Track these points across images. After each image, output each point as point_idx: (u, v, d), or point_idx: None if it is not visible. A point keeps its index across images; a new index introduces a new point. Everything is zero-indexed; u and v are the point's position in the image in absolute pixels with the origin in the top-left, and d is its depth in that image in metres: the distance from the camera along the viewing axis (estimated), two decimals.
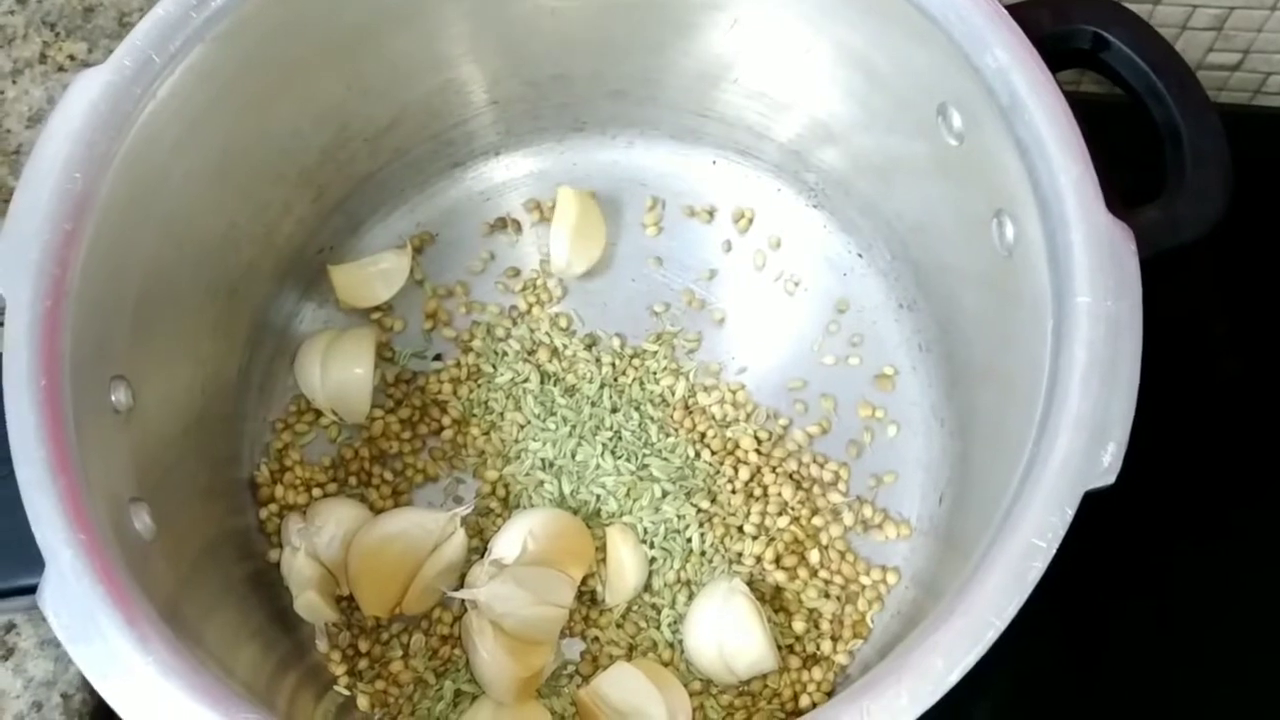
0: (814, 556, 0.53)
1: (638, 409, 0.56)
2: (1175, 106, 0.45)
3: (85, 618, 0.37)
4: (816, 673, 0.51)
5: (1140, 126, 0.47)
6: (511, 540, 0.51)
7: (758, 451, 0.55)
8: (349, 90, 0.53)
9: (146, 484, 0.44)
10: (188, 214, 0.48)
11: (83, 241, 0.42)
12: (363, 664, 0.52)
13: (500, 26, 0.54)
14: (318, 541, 0.52)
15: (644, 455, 0.55)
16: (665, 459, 0.55)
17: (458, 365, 0.57)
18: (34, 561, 0.38)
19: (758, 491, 0.54)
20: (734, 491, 0.54)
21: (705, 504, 0.54)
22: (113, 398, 0.43)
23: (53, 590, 0.37)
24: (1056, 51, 0.44)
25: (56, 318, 0.40)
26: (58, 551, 0.37)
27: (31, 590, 0.38)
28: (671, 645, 0.52)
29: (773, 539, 0.53)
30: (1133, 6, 0.66)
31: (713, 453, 0.55)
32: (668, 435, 0.55)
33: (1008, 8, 0.44)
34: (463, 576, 0.52)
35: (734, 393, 0.57)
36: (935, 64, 0.45)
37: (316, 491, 0.55)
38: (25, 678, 0.52)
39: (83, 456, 0.39)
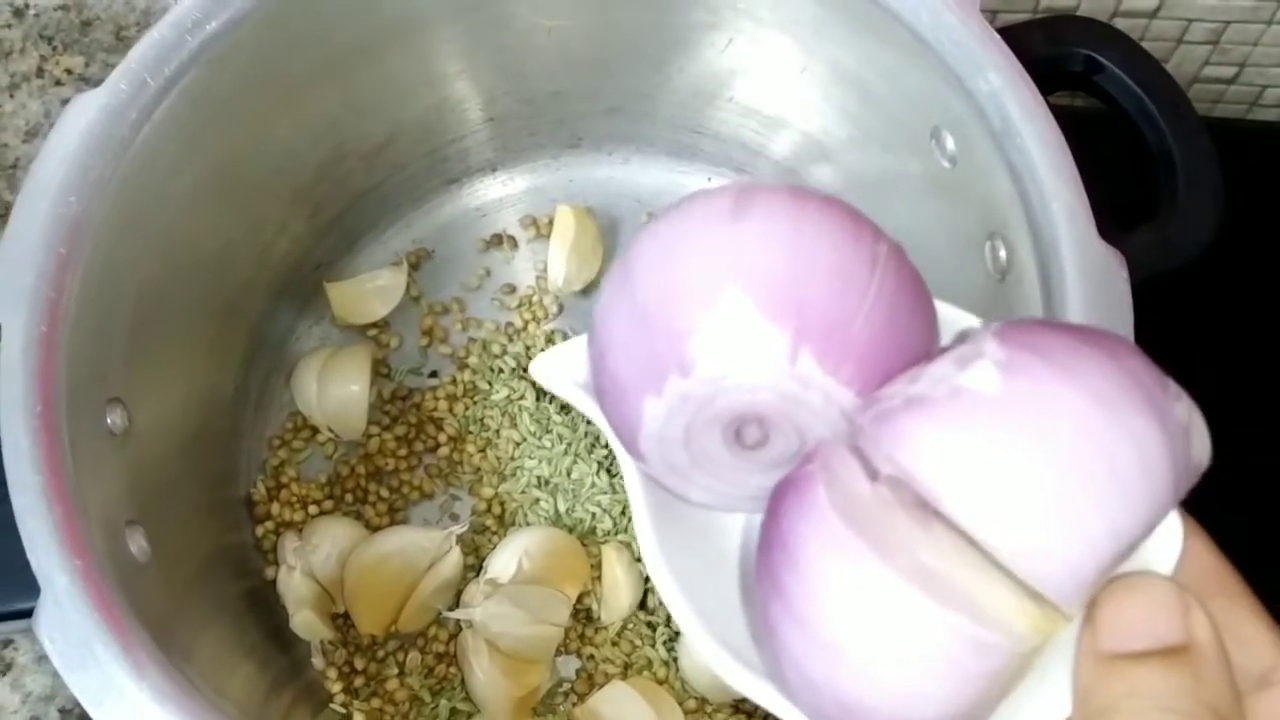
0: None
1: None
2: (1168, 129, 0.45)
3: (81, 644, 0.37)
4: None
5: (1134, 139, 0.47)
6: (507, 559, 0.51)
7: None
8: (345, 108, 0.53)
9: (142, 505, 0.44)
10: (184, 235, 0.48)
11: (78, 265, 0.42)
12: (359, 682, 0.52)
13: (496, 44, 0.54)
14: (314, 560, 0.52)
15: None
16: None
17: (454, 382, 0.58)
18: (30, 585, 0.38)
19: None
20: None
21: None
22: (108, 420, 0.43)
23: (48, 617, 0.37)
24: (1049, 74, 0.45)
25: (52, 342, 0.40)
26: (53, 578, 0.37)
27: (27, 614, 0.38)
28: (667, 663, 0.52)
29: None
30: (1128, 20, 0.66)
31: None
32: None
33: (1000, 30, 0.44)
34: (458, 594, 0.53)
35: None
36: (928, 86, 0.45)
37: (313, 509, 0.55)
38: (23, 692, 0.52)
39: (78, 481, 0.39)
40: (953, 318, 0.27)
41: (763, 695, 0.26)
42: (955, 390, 0.22)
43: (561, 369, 0.29)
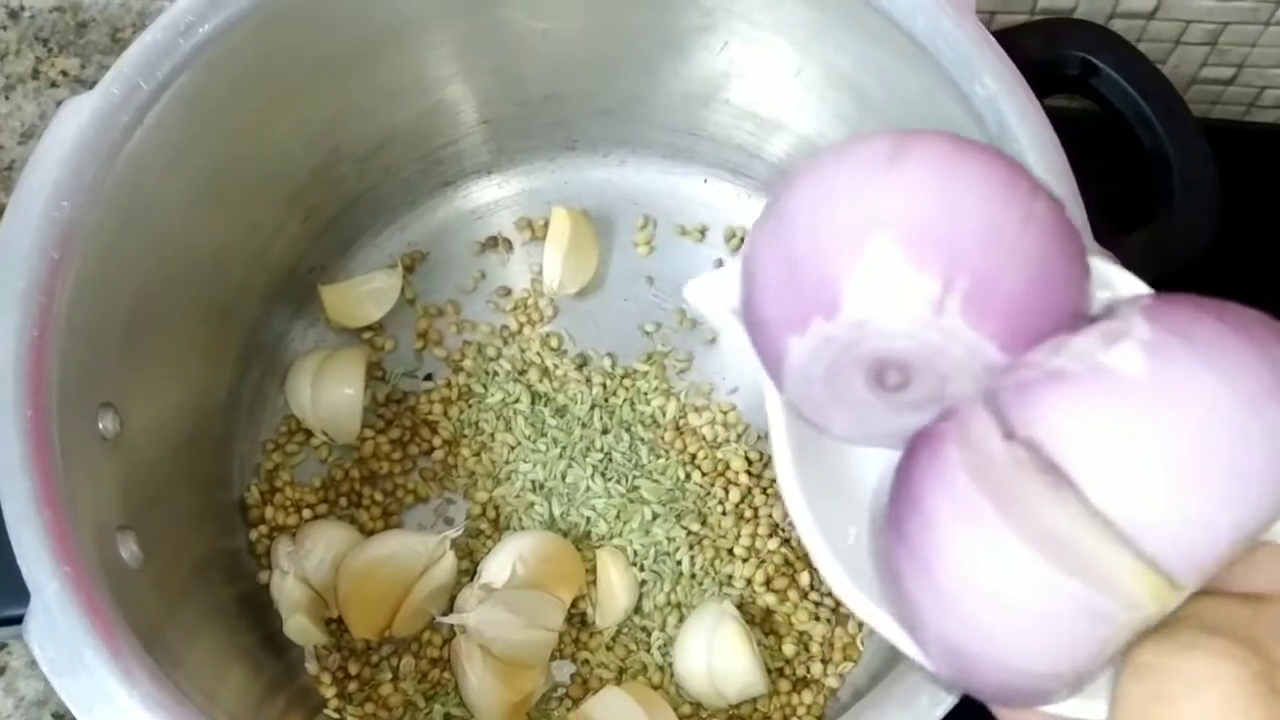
0: (804, 578, 0.53)
1: (628, 430, 0.56)
2: (1164, 133, 0.45)
3: (71, 651, 0.37)
4: (806, 696, 0.51)
5: (1130, 142, 0.47)
6: (501, 564, 0.51)
7: (748, 473, 0.55)
8: (339, 112, 0.53)
9: (134, 510, 0.44)
10: (178, 238, 0.48)
11: (70, 270, 0.42)
12: (352, 687, 0.52)
13: (491, 47, 0.54)
14: (307, 564, 0.52)
15: (634, 477, 0.55)
16: (656, 481, 0.55)
17: (448, 385, 0.57)
18: (20, 591, 0.38)
19: (748, 513, 0.54)
20: (724, 513, 0.54)
21: (695, 526, 0.54)
22: (100, 425, 0.43)
23: (38, 624, 0.37)
24: (1045, 77, 0.44)
25: (43, 347, 0.40)
26: (43, 585, 0.37)
27: (17, 620, 0.38)
28: (661, 668, 0.52)
29: (763, 561, 0.53)
30: (1125, 22, 0.66)
31: (703, 474, 0.55)
32: (658, 457, 0.55)
33: (996, 34, 0.44)
34: (452, 599, 0.52)
35: (725, 413, 0.57)
36: (925, 90, 0.45)
37: (307, 513, 0.55)
38: (16, 697, 0.52)
39: (69, 487, 0.39)
40: (1112, 277, 0.27)
41: (882, 624, 0.27)
42: (1097, 368, 0.23)
43: (716, 293, 0.30)
